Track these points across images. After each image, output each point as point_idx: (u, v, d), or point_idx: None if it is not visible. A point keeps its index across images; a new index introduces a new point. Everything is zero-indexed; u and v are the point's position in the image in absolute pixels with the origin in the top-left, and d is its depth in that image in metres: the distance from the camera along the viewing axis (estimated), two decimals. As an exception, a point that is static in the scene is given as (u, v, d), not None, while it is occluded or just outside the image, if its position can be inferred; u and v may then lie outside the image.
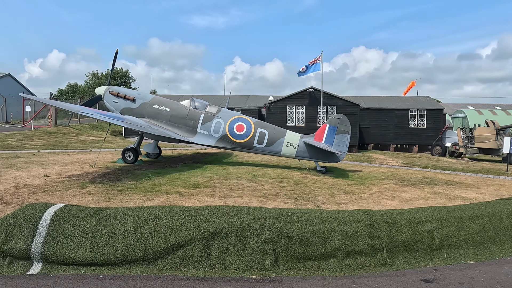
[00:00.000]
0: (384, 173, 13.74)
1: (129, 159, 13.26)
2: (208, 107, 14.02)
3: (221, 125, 13.69)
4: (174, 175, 10.88)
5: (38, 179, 9.30)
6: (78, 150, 17.21)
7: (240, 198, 8.30)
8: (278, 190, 9.43)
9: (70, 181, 9.11)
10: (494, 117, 39.38)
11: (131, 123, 12.16)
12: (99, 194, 7.95)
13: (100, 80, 58.11)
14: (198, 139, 13.65)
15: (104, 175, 10.27)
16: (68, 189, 8.24)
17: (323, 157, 13.31)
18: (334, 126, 13.34)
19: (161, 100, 14.20)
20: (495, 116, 41.91)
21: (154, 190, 8.66)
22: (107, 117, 11.32)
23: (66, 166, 11.64)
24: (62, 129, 26.98)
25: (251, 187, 9.65)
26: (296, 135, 13.59)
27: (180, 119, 13.80)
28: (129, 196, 7.99)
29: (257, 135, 13.48)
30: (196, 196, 8.29)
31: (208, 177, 10.88)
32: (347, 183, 11.13)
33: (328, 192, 9.55)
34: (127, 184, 9.08)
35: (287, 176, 11.88)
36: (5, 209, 6.47)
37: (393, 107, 28.69)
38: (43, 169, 10.81)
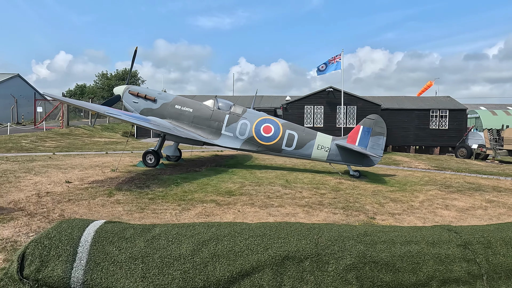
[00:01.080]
0: (420, 177, 12.87)
1: (150, 163, 12.55)
2: (232, 107, 13.26)
3: (247, 126, 12.92)
4: (203, 180, 10.12)
5: (60, 185, 8.59)
6: (93, 153, 16.56)
7: (283, 208, 7.52)
8: (320, 198, 8.63)
9: (94, 188, 8.39)
10: (508, 117, 38.15)
11: (158, 124, 11.44)
12: (130, 204, 7.21)
13: (110, 80, 57.78)
14: (223, 142, 12.90)
15: (129, 180, 9.55)
16: (95, 198, 7.51)
17: (357, 161, 12.48)
18: (368, 127, 12.50)
19: (183, 100, 13.47)
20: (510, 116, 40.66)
21: (187, 198, 7.91)
22: (134, 119, 10.62)
23: (86, 170, 10.94)
24: (74, 130, 26.44)
25: (289, 195, 8.86)
26: (328, 137, 12.77)
27: (204, 120, 13.06)
28: (162, 205, 7.24)
29: (286, 137, 12.68)
30: (235, 206, 7.51)
31: (239, 182, 10.11)
32: (388, 189, 10.29)
33: (373, 200, 8.72)
34: (157, 192, 8.33)
35: (321, 182, 11.07)
36: (30, 223, 5.75)
37: (413, 107, 27.76)
38: (63, 174, 10.12)
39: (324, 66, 22.60)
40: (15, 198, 7.22)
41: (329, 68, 22.45)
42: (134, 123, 10.57)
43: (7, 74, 41.34)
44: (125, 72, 60.48)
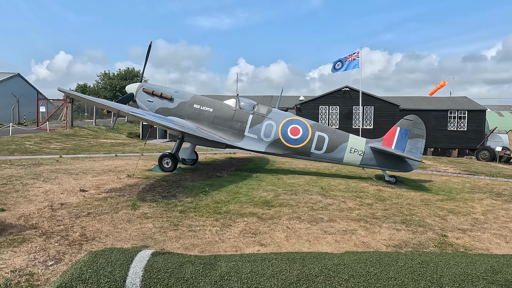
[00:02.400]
0: (461, 183, 11.84)
1: (167, 167, 11.50)
2: (256, 107, 12.21)
3: (272, 128, 11.87)
4: (231, 188, 9.08)
5: (75, 195, 7.54)
6: (102, 155, 15.49)
7: (335, 223, 6.47)
8: (370, 210, 7.59)
9: (114, 198, 7.34)
10: None
11: (182, 126, 10.40)
12: (159, 218, 6.16)
13: (112, 80, 56.64)
14: (246, 144, 11.84)
15: (150, 188, 8.50)
16: (118, 211, 6.45)
17: (394, 166, 11.44)
18: (406, 129, 11.46)
19: (203, 99, 12.42)
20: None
21: (223, 211, 6.85)
22: (159, 119, 9.58)
23: (100, 176, 9.89)
24: (78, 131, 25.36)
25: (333, 205, 7.82)
26: (361, 140, 11.73)
27: (225, 120, 12.00)
28: (197, 220, 6.19)
29: (315, 140, 11.64)
30: (280, 220, 6.47)
31: (271, 190, 9.07)
32: (437, 198, 9.26)
33: (430, 212, 7.69)
34: (186, 203, 7.28)
35: (359, 189, 10.04)
36: (47, 246, 4.69)
37: (430, 108, 26.74)
38: (75, 180, 9.07)
39: (340, 64, 21.54)
40: (25, 212, 6.17)
41: (347, 66, 21.40)
42: (161, 125, 9.51)
43: (7, 74, 40.25)
44: (128, 72, 59.38)
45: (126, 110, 7.78)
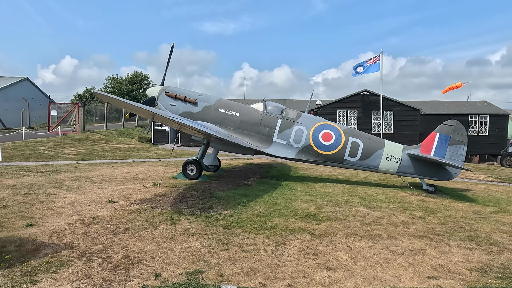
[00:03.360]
0: (504, 193, 11.11)
1: (192, 174, 10.90)
2: (284, 111, 11.59)
3: (303, 133, 11.23)
4: (267, 198, 8.44)
5: (104, 206, 6.94)
6: (120, 161, 14.93)
7: (397, 240, 5.81)
8: (426, 224, 6.91)
9: (147, 211, 6.72)
10: None
11: (217, 132, 9.81)
12: (204, 235, 5.53)
13: (120, 84, 56.36)
14: (275, 150, 11.20)
15: (182, 199, 7.88)
16: (157, 226, 5.83)
17: (433, 174, 10.75)
18: (446, 135, 10.78)
19: (228, 103, 11.82)
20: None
21: (269, 226, 6.21)
22: (198, 126, 9.04)
23: (125, 184, 9.29)
24: (90, 135, 24.89)
25: (384, 219, 7.15)
26: (398, 146, 11.05)
27: (252, 125, 11.38)
28: (246, 237, 5.55)
29: (349, 146, 10.98)
30: (336, 237, 5.81)
31: (311, 201, 8.42)
32: (489, 210, 8.55)
33: (492, 226, 6.99)
34: (226, 216, 6.64)
35: (399, 199, 9.36)
36: (90, 271, 4.07)
37: (450, 112, 25.97)
38: (100, 189, 8.48)
39: (362, 68, 20.93)
40: (56, 227, 5.57)
41: (368, 69, 20.78)
42: (201, 131, 8.92)
43: (16, 78, 40.04)
44: (135, 76, 59.09)
45: (164, 115, 7.17)
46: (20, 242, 4.84)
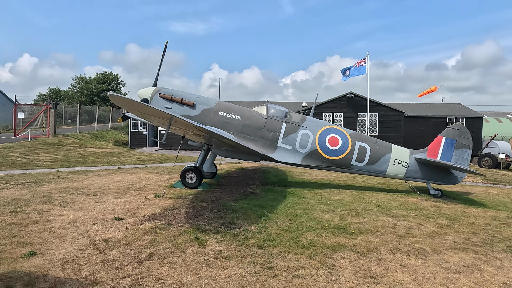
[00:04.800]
0: (504, 195, 11.25)
1: (191, 183, 10.13)
2: (288, 114, 11.07)
3: (309, 138, 10.77)
4: (285, 209, 7.87)
5: (112, 225, 6.06)
6: (104, 168, 13.77)
7: (445, 255, 5.44)
8: (459, 234, 6.63)
9: (164, 229, 5.93)
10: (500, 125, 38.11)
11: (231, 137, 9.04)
12: (242, 258, 4.86)
13: (89, 84, 53.49)
14: (280, 156, 10.65)
15: (196, 213, 7.13)
16: (184, 249, 5.08)
17: (440, 178, 10.65)
18: (452, 139, 10.73)
19: (229, 106, 11.12)
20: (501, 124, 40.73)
21: (305, 243, 5.64)
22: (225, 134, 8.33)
23: (123, 197, 8.36)
24: (63, 139, 23.13)
25: (414, 229, 6.80)
26: (405, 151, 10.87)
27: (256, 130, 10.76)
28: (289, 259, 4.94)
29: (356, 151, 10.66)
30: (382, 254, 5.34)
31: (330, 211, 7.95)
32: (506, 215, 8.48)
33: (521, 234, 6.84)
34: (254, 233, 5.99)
35: (413, 205, 9.13)
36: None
37: (430, 115, 26.70)
38: (98, 203, 7.52)
39: (348, 72, 20.90)
40: (66, 256, 4.68)
41: (353, 72, 20.79)
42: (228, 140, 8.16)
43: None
44: (105, 76, 56.40)
45: (189, 121, 6.33)
46: (29, 279, 3.95)
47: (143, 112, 6.07)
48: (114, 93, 5.02)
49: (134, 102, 5.38)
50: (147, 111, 5.92)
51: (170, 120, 6.19)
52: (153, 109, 5.75)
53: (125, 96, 5.27)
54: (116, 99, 5.27)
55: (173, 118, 6.00)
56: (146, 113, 6.08)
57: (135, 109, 5.95)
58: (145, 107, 5.65)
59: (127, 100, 5.38)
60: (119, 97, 5.22)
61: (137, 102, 5.44)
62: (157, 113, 5.86)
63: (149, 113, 6.06)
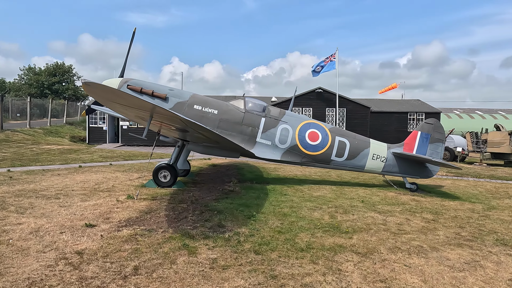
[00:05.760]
0: (472, 187, 11.69)
1: (165, 182, 9.43)
2: (267, 108, 10.66)
3: (288, 132, 10.44)
4: (271, 208, 7.46)
5: (83, 233, 5.29)
6: (63, 167, 12.53)
7: (444, 252, 5.33)
8: (448, 229, 6.62)
9: (146, 236, 5.27)
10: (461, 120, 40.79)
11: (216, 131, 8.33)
12: (241, 267, 4.38)
13: (39, 76, 49.43)
14: (259, 152, 10.21)
15: (178, 215, 6.50)
16: (174, 259, 4.49)
17: (416, 172, 10.81)
18: (427, 133, 10.92)
19: (205, 99, 10.47)
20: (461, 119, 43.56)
21: (303, 246, 5.27)
22: None
23: (91, 199, 7.49)
24: (11, 135, 21.02)
25: (404, 225, 6.70)
26: (383, 145, 10.89)
27: (234, 125, 10.23)
28: (292, 265, 4.53)
29: (336, 146, 10.50)
30: (383, 255, 5.11)
31: (317, 208, 7.68)
32: (480, 208, 8.71)
33: (503, 226, 6.98)
34: (246, 236, 5.52)
35: (393, 200, 9.15)
36: None
37: (393, 110, 27.62)
38: (63, 208, 6.64)
39: (320, 68, 20.90)
40: (31, 275, 3.91)
41: (325, 68, 20.82)
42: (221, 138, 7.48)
43: None
44: (57, 67, 52.37)
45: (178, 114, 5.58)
46: (-12, 309, 3.19)
47: (124, 104, 5.30)
48: (90, 81, 4.27)
49: (117, 91, 4.63)
50: (132, 102, 5.14)
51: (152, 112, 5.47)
52: (139, 100, 5.01)
53: (105, 84, 4.49)
54: (92, 88, 4.49)
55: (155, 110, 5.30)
56: (128, 105, 5.31)
57: (116, 100, 5.16)
58: (130, 98, 4.89)
59: (107, 89, 4.60)
60: (96, 86, 4.45)
61: (120, 92, 4.69)
62: (143, 104, 5.11)
63: (131, 105, 5.30)
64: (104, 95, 4.93)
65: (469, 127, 45.03)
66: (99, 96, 5.15)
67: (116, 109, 6.29)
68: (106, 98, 5.12)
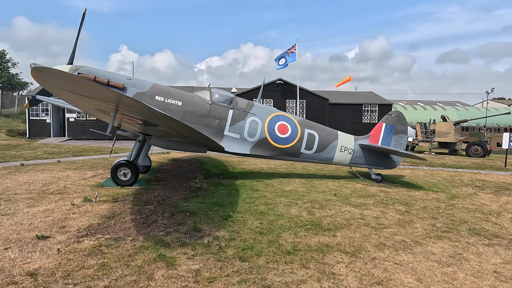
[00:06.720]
0: (431, 176, 12.21)
1: (125, 180, 8.64)
2: (234, 100, 10.15)
3: (257, 125, 10.04)
4: (246, 207, 7.04)
5: (34, 248, 4.47)
6: (1, 165, 11.03)
7: (427, 246, 5.30)
8: (424, 221, 6.69)
9: (113, 247, 4.59)
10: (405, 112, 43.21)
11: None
12: (229, 279, 3.93)
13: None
14: (227, 145, 9.70)
15: (147, 220, 5.84)
16: (152, 274, 3.90)
17: (381, 163, 11.01)
18: (391, 125, 11.13)
19: (168, 90, 9.68)
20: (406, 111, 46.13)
21: (290, 248, 4.93)
22: None
23: (40, 204, 6.53)
24: None
25: (382, 219, 6.66)
26: (350, 137, 10.92)
27: (199, 117, 9.60)
28: (283, 272, 4.17)
29: (305, 138, 10.32)
30: (370, 253, 4.94)
31: (293, 204, 7.41)
32: (444, 197, 9.02)
33: (469, 215, 7.22)
34: (228, 241, 5.05)
35: (364, 192, 9.18)
36: None
37: (348, 102, 28.38)
38: (4, 216, 5.67)
39: (284, 60, 20.66)
40: (-29, 308, 3.13)
41: (287, 60, 20.64)
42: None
43: None
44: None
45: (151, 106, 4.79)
46: None
47: (83, 94, 4.45)
48: (42, 65, 3.45)
49: (77, 78, 3.83)
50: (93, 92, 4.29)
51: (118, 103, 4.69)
52: (103, 89, 4.20)
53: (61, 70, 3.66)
54: (43, 74, 3.66)
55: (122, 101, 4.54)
56: (88, 95, 4.45)
57: (72, 89, 4.30)
58: (92, 86, 4.07)
59: (64, 76, 3.77)
60: (49, 71, 3.61)
61: (81, 79, 3.88)
62: (107, 95, 4.29)
63: (92, 95, 4.46)
64: (58, 83, 4.08)
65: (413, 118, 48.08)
66: (51, 84, 4.29)
67: (70, 100, 5.39)
68: (60, 86, 4.27)
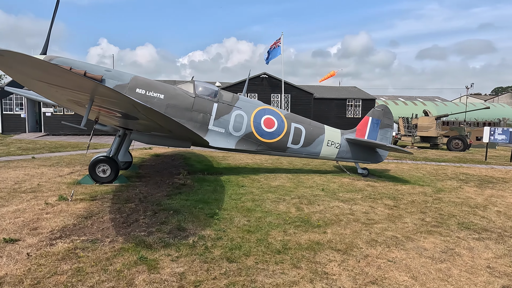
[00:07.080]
0: (416, 170, 12.26)
1: (105, 177, 8.23)
2: (219, 93, 9.82)
3: (243, 119, 9.76)
4: (233, 203, 6.78)
5: (1, 252, 4.08)
6: (-30, 163, 10.36)
7: (419, 242, 5.18)
8: (413, 215, 6.60)
9: (89, 250, 4.25)
10: None
11: None
12: (217, 281, 3.67)
13: None
14: (212, 140, 9.40)
15: (126, 219, 5.49)
16: (132, 280, 3.59)
17: (367, 157, 10.93)
18: (377, 119, 11.05)
19: (149, 82, 9.25)
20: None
21: (280, 247, 4.71)
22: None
23: (10, 204, 6.08)
24: None
25: (371, 214, 6.54)
26: (337, 131, 10.78)
27: (183, 111, 9.24)
28: (274, 273, 3.94)
29: (292, 133, 10.12)
30: (362, 250, 4.78)
31: (281, 200, 7.19)
32: (430, 191, 9.02)
33: (456, 209, 7.20)
34: (214, 240, 4.77)
35: (351, 187, 9.08)
36: None
37: (333, 97, 28.41)
38: (-29, 218, 5.19)
39: (268, 54, 20.36)
40: None
41: (272, 54, 20.35)
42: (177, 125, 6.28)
43: None
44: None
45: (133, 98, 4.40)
46: None
47: (55, 84, 4.02)
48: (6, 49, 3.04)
49: (48, 64, 3.40)
50: (67, 81, 3.86)
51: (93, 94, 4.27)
52: (77, 78, 3.77)
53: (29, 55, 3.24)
54: (9, 59, 3.24)
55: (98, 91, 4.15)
56: (61, 84, 4.03)
57: (43, 78, 3.87)
58: (66, 74, 3.63)
59: (33, 61, 3.33)
60: (15, 56, 3.18)
61: (53, 65, 3.45)
62: (81, 84, 3.86)
63: (65, 84, 4.05)
64: (26, 71, 3.63)
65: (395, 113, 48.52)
66: (18, 71, 3.84)
67: (41, 90, 4.94)
68: (28, 74, 3.82)
